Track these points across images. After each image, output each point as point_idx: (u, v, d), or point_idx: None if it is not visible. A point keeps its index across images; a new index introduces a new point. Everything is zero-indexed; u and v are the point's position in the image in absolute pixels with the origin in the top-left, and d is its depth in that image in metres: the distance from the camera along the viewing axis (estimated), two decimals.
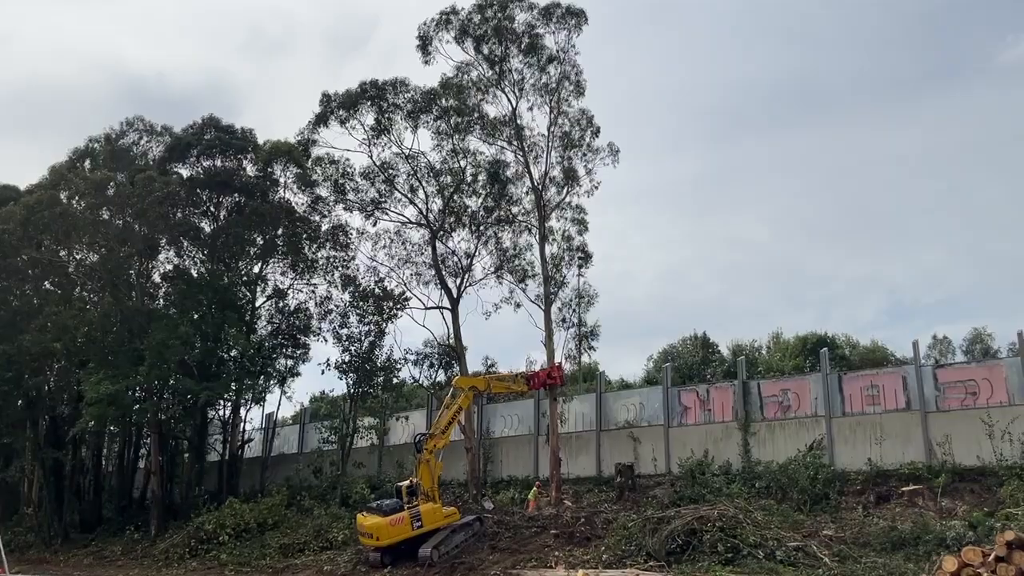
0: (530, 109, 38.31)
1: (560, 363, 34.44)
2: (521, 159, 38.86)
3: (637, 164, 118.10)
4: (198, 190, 43.80)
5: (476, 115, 39.45)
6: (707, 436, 33.28)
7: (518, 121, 38.34)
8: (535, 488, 33.80)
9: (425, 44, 38.80)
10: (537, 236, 38.03)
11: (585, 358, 38.20)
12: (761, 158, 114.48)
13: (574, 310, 37.82)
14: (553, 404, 34.34)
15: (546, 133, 38.27)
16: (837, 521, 25.41)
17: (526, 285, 38.90)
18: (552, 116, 38.22)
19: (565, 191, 38.58)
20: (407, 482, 28.77)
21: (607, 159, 38.41)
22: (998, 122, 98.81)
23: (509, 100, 38.30)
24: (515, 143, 38.66)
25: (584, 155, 38.52)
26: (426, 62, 38.94)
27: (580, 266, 37.99)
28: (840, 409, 30.84)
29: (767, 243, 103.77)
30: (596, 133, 38.48)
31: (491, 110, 39.17)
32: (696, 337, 56.34)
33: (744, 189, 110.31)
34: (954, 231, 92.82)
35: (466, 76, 38.68)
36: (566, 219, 38.77)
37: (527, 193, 39.17)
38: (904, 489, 26.67)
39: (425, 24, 38.72)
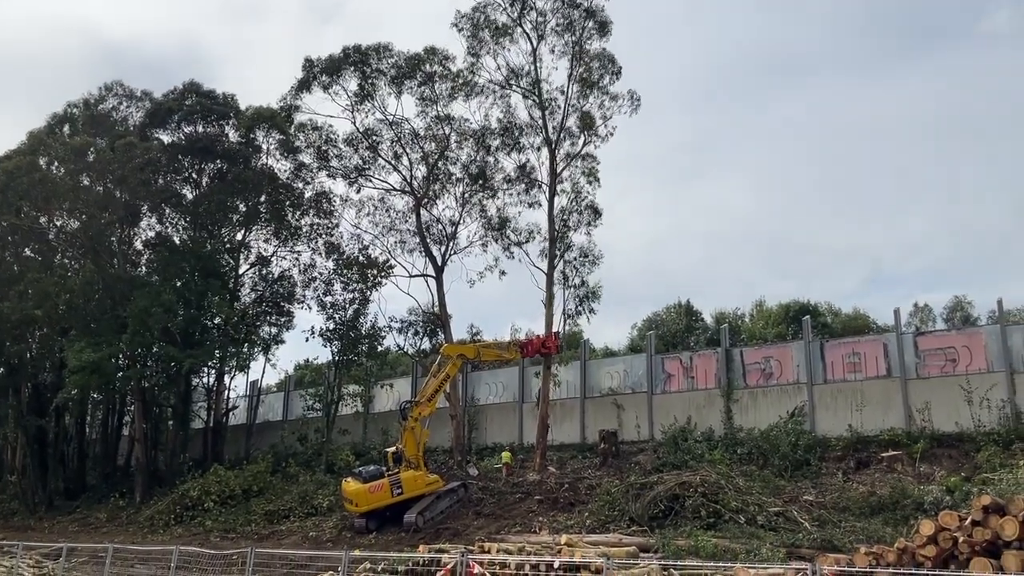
0: (552, 51, 36.48)
1: (557, 332, 33.94)
2: (536, 108, 36.81)
3: (620, 132, 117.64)
4: (180, 156, 43.38)
5: (461, 81, 39.08)
6: (690, 403, 33.52)
7: (537, 64, 36.39)
8: (507, 452, 34.17)
9: None
10: (546, 193, 36.81)
11: (584, 321, 37.50)
12: (744, 127, 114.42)
13: (577, 269, 36.68)
14: (546, 373, 34.26)
15: (566, 80, 36.52)
16: (817, 486, 25.71)
17: (517, 247, 38.05)
18: (574, 52, 36.12)
19: (582, 139, 36.63)
20: (393, 448, 28.95)
21: (625, 106, 36.46)
22: (979, 91, 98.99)
23: (529, 39, 36.39)
24: (532, 92, 36.65)
25: (602, 101, 36.47)
26: None
27: (589, 224, 36.77)
28: (822, 376, 31.10)
29: (750, 211, 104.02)
30: (617, 74, 36.38)
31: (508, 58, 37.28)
32: (680, 305, 56.46)
33: (727, 157, 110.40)
34: (935, 200, 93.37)
35: (483, 15, 36.58)
36: (577, 169, 37.03)
37: (539, 148, 37.49)
38: (883, 455, 26.99)
39: None
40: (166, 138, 44.14)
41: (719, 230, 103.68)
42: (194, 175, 44.41)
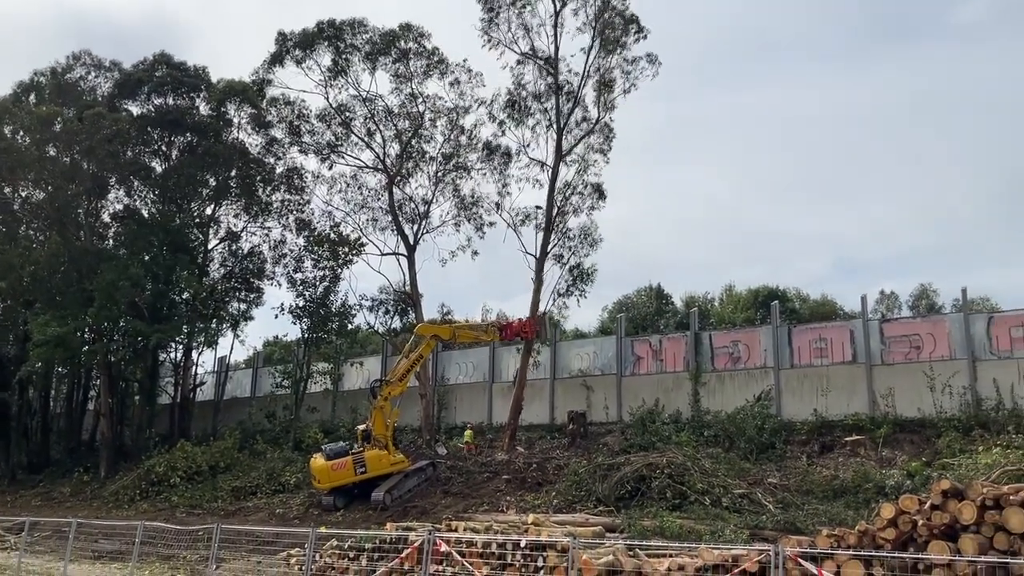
0: (575, 13, 35.08)
1: (540, 315, 33.41)
2: (549, 75, 35.49)
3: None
4: (149, 128, 42.78)
5: (436, 59, 38.87)
6: (659, 385, 33.76)
7: (558, 29, 34.89)
8: (469, 431, 34.25)
9: None
10: (547, 172, 35.74)
11: (573, 302, 37.22)
12: (715, 113, 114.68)
13: (574, 251, 35.96)
14: (526, 356, 34.12)
15: (588, 41, 35.02)
16: (782, 469, 26.03)
17: (512, 230, 36.86)
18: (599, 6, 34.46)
19: (596, 109, 35.41)
20: (364, 426, 28.93)
21: (647, 70, 35.09)
22: (948, 82, 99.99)
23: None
24: (539, 61, 35.38)
25: (623, 63, 35.14)
26: None
27: (592, 207, 36.00)
28: (789, 361, 31.43)
29: (722, 197, 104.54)
30: (640, 31, 34.78)
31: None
32: (650, 289, 56.79)
33: (698, 143, 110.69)
34: (903, 189, 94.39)
35: None
36: (584, 145, 35.95)
37: (546, 112, 36.02)
38: (847, 439, 27.38)
39: None
40: (135, 110, 43.55)
41: (691, 215, 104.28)
42: (163, 148, 43.82)
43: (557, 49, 35.28)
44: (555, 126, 35.59)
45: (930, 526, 12.06)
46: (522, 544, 15.64)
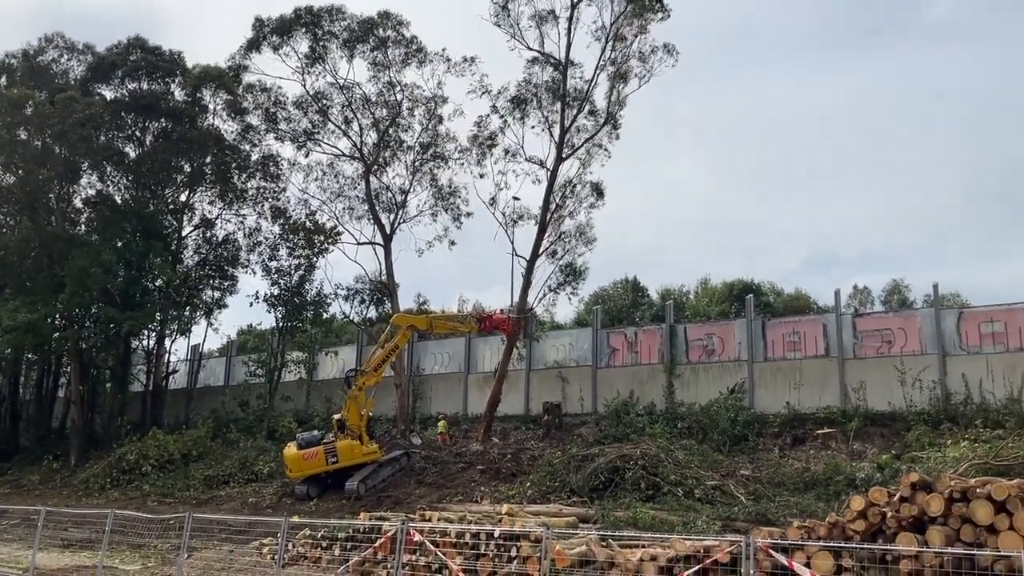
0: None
1: (524, 314, 32.81)
2: (557, 70, 33.98)
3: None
4: (123, 113, 42.29)
5: (415, 47, 38.69)
6: (633, 377, 33.88)
7: (575, 12, 33.32)
8: (443, 421, 34.25)
9: None
10: (548, 172, 34.47)
11: (564, 301, 36.78)
12: (692, 108, 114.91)
13: (568, 250, 35.00)
14: (508, 353, 33.78)
15: (605, 23, 33.49)
16: (754, 461, 26.23)
17: (513, 224, 35.75)
18: None
19: (614, 92, 33.74)
20: (339, 415, 28.82)
21: (665, 60, 33.47)
22: (921, 80, 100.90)
23: None
24: (556, 59, 33.86)
25: (638, 53, 33.55)
26: None
27: (592, 205, 34.89)
28: (762, 354, 31.65)
29: (697, 190, 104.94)
30: (663, 9, 33.06)
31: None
32: (627, 281, 56.93)
33: (675, 138, 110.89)
34: (877, 185, 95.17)
35: None
36: (589, 141, 34.58)
37: (549, 112, 34.59)
38: (819, 432, 27.62)
39: None
40: (109, 94, 43.05)
41: (668, 208, 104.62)
42: (137, 133, 43.33)
43: (569, 45, 33.98)
44: (559, 126, 34.39)
45: (899, 518, 12.20)
46: (496, 534, 15.66)
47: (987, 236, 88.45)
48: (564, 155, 34.33)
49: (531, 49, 34.41)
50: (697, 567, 12.20)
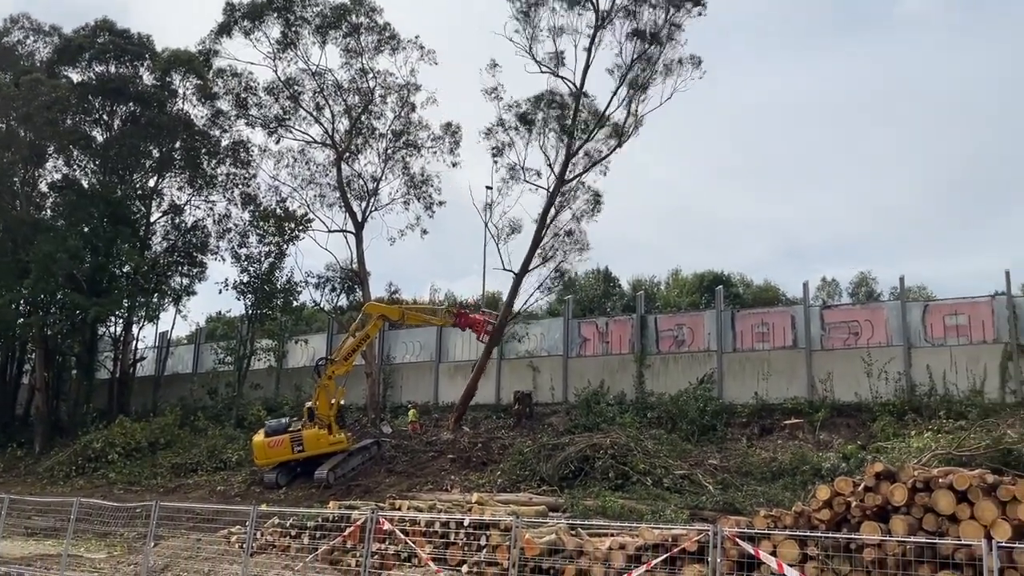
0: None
1: (493, 325, 31.48)
2: (571, 91, 32.52)
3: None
4: (90, 96, 41.65)
5: (388, 34, 38.47)
6: (604, 367, 34.03)
7: (596, 37, 31.87)
8: (412, 411, 34.22)
9: None
10: (549, 188, 33.03)
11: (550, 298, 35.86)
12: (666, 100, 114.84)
13: (564, 257, 33.89)
14: (487, 353, 33.36)
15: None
16: (722, 451, 26.49)
17: (508, 238, 34.35)
18: None
19: (631, 107, 32.20)
20: (311, 403, 28.70)
21: (691, 73, 31.96)
22: (893, 74, 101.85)
23: None
24: (572, 83, 32.43)
25: (663, 68, 32.01)
26: None
27: (591, 212, 33.74)
28: (731, 345, 31.92)
29: (669, 181, 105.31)
30: (699, 3, 31.69)
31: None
32: (598, 271, 57.05)
33: (646, 128, 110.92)
34: (846, 178, 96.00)
35: None
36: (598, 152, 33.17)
37: (561, 135, 32.84)
38: (786, 422, 27.94)
39: None
40: (76, 77, 42.35)
41: (639, 198, 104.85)
42: (105, 117, 42.68)
43: (586, 70, 32.64)
44: (565, 152, 32.96)
45: (863, 507, 12.37)
46: (465, 523, 15.70)
47: (953, 230, 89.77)
48: (567, 177, 33.16)
49: (545, 69, 32.91)
50: (665, 555, 12.30)
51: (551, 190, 33.11)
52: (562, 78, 32.99)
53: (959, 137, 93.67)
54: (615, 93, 32.55)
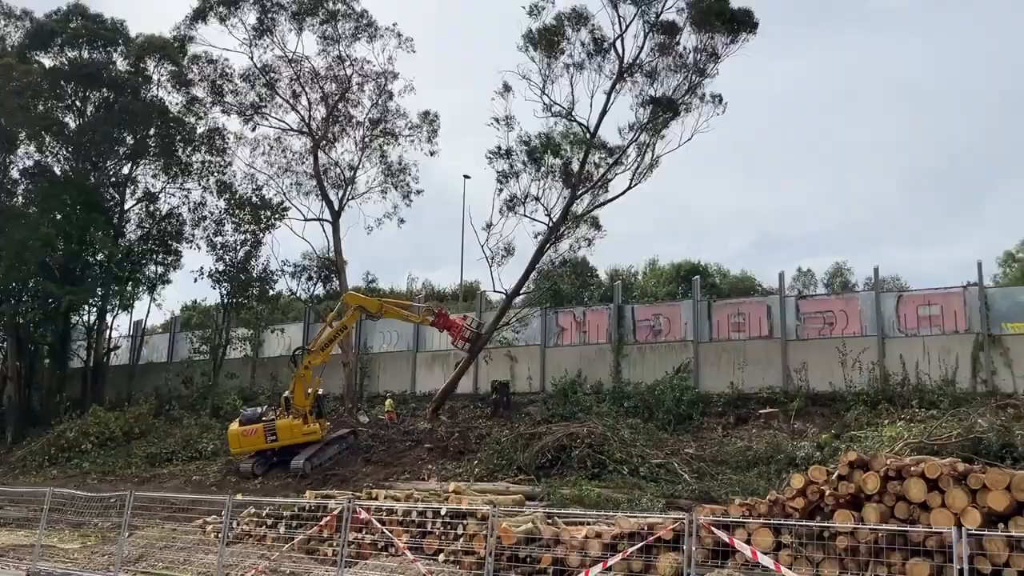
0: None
1: (472, 332, 31.00)
2: (584, 135, 31.51)
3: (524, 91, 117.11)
4: (62, 82, 41.04)
5: (365, 21, 38.23)
6: (581, 357, 34.12)
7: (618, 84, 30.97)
8: (389, 400, 34.14)
9: None
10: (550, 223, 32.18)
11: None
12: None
13: (559, 278, 33.76)
14: (468, 360, 33.12)
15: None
16: (698, 440, 26.66)
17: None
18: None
19: (647, 154, 30.99)
20: (288, 392, 28.59)
21: (714, 110, 31.11)
22: (868, 65, 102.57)
23: None
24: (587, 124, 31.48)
25: (685, 102, 30.91)
26: None
27: (588, 241, 33.51)
28: (708, 335, 32.10)
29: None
30: (751, 27, 30.28)
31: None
32: (576, 260, 57.01)
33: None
34: (822, 169, 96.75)
35: None
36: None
37: (568, 182, 31.83)
38: (761, 412, 28.14)
39: None
40: (48, 62, 41.72)
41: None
42: (78, 103, 42.10)
43: (603, 114, 31.85)
44: (570, 195, 32.23)
45: (836, 496, 12.51)
46: (442, 512, 15.72)
47: (927, 221, 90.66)
48: (571, 215, 32.51)
49: (557, 111, 31.80)
50: (641, 544, 12.38)
51: (551, 225, 32.41)
52: (578, 122, 32.24)
53: (934, 129, 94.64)
54: (629, 145, 31.74)
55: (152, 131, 42.11)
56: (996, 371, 26.86)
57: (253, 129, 40.24)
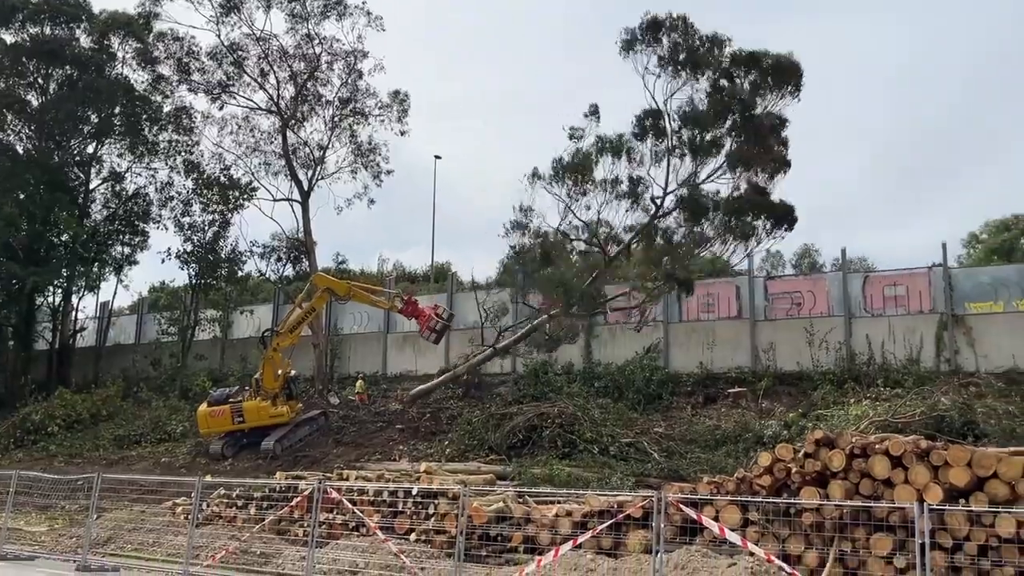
0: None
1: (441, 323, 29.42)
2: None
3: (503, 70, 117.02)
4: (24, 59, 40.25)
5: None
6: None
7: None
8: (360, 381, 34.11)
9: None
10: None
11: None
12: (616, 71, 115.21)
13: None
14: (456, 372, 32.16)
15: None
16: (667, 419, 26.89)
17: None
18: None
19: None
20: (259, 374, 28.45)
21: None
22: (838, 46, 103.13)
23: None
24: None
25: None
26: None
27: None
28: (677, 315, 32.30)
29: None
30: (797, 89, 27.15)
31: None
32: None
33: (603, 101, 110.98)
34: (791, 151, 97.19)
35: None
36: None
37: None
38: (730, 391, 28.41)
39: None
40: (8, 38, 40.83)
41: None
42: (40, 80, 41.32)
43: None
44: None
45: (803, 473, 12.72)
46: (414, 492, 15.80)
47: (893, 203, 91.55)
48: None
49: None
50: (611, 521, 12.52)
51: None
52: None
53: (901, 112, 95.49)
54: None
55: (117, 109, 41.46)
56: (959, 350, 27.30)
57: (221, 108, 39.79)
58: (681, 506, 11.66)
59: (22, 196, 38.99)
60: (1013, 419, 20.78)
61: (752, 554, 10.99)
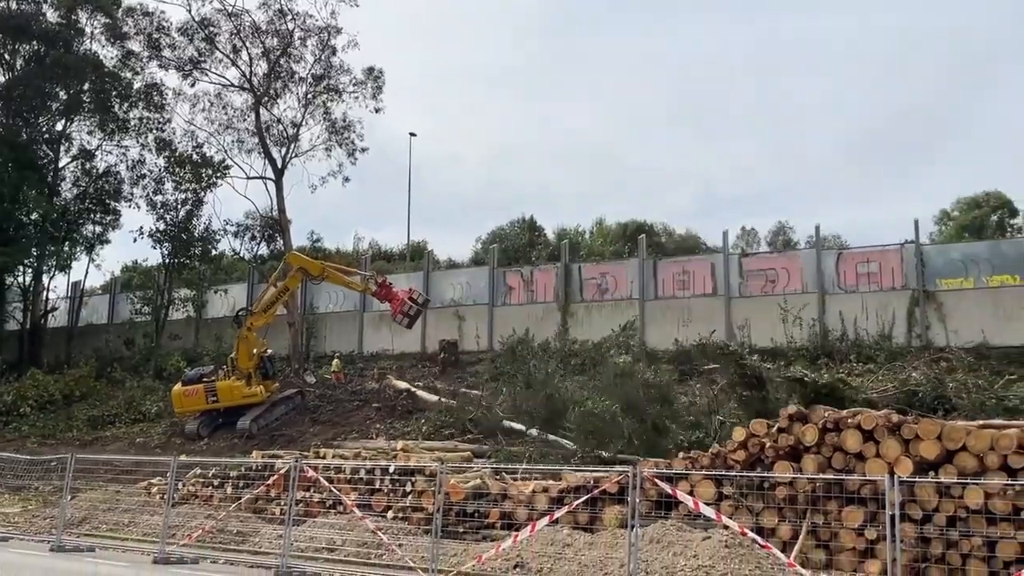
0: None
1: (414, 307, 29.20)
2: None
3: (472, 46, 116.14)
4: None
5: None
6: (529, 315, 34.23)
7: None
8: (336, 360, 34.02)
9: None
10: None
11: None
12: (593, 52, 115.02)
13: None
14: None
15: None
16: None
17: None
18: None
19: None
20: (235, 353, 28.29)
21: None
22: (815, 26, 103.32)
23: None
24: None
25: None
26: None
27: None
28: (653, 293, 32.42)
29: (594, 131, 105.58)
30: None
31: None
32: (523, 220, 57.10)
33: (574, 80, 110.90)
34: (768, 130, 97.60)
35: None
36: None
37: None
38: (704, 367, 28.58)
39: None
40: None
41: (564, 148, 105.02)
42: (7, 56, 40.67)
43: None
44: None
45: (776, 448, 12.86)
46: (391, 470, 15.81)
47: (866, 181, 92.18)
48: None
49: None
50: (587, 497, 12.61)
51: None
52: None
53: (875, 90, 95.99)
54: None
55: (86, 86, 40.86)
56: (930, 326, 27.63)
57: (192, 85, 39.40)
58: (656, 481, 11.76)
59: None
60: (983, 393, 21.04)
61: (726, 527, 11.11)
